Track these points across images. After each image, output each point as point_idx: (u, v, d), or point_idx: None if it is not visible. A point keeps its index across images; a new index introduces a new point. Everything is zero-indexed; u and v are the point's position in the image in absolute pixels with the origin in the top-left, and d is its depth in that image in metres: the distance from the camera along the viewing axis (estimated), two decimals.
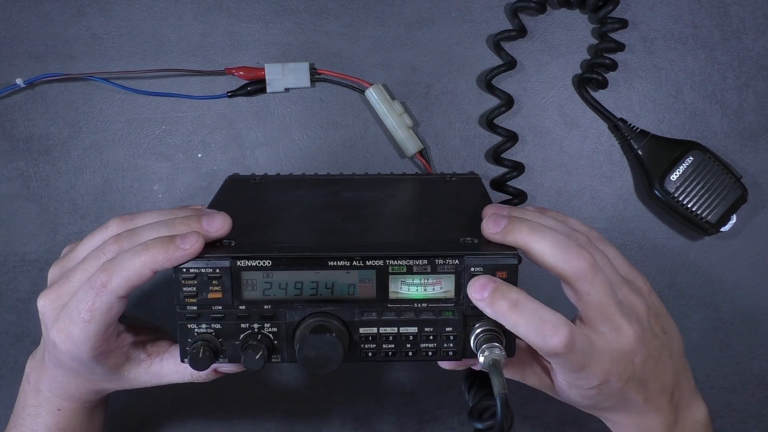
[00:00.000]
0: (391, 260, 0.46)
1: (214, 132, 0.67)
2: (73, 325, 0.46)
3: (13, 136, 0.67)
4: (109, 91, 0.66)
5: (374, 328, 0.47)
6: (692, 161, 0.64)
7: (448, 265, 0.46)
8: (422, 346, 0.48)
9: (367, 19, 0.66)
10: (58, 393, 0.53)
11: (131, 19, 0.65)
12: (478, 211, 0.51)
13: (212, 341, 0.47)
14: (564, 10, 0.66)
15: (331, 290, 0.47)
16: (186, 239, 0.45)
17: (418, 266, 0.46)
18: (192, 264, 0.46)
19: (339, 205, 0.57)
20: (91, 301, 0.45)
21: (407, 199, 0.60)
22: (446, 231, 0.51)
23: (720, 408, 0.71)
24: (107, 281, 0.45)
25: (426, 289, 0.47)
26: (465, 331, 0.47)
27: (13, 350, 0.69)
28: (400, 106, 0.65)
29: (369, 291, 0.47)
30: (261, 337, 0.47)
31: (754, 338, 0.70)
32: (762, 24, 0.66)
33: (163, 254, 0.45)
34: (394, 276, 0.46)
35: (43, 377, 0.53)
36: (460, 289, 0.46)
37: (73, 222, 0.67)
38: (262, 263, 0.46)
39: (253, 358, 0.46)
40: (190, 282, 0.46)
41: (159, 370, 0.52)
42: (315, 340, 0.45)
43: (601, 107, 0.66)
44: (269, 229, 0.52)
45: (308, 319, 0.47)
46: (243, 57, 0.66)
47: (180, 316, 0.47)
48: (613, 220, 0.68)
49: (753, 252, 0.69)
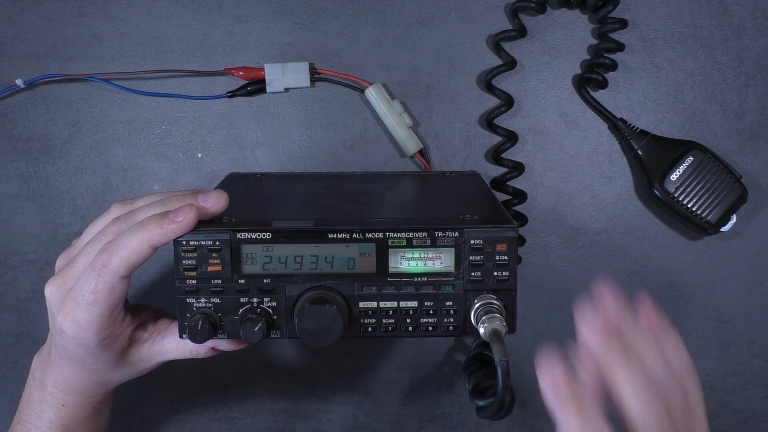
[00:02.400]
0: (390, 233, 0.46)
1: (214, 132, 0.67)
2: (78, 308, 0.47)
3: (13, 136, 0.67)
4: (109, 91, 0.66)
5: (374, 303, 0.48)
6: (692, 161, 0.64)
7: (447, 238, 0.46)
8: (422, 320, 0.48)
9: (367, 19, 0.66)
10: (63, 388, 0.53)
11: (131, 19, 0.66)
12: (477, 196, 0.51)
13: (211, 315, 0.47)
14: (564, 10, 0.66)
15: (330, 264, 0.47)
16: (179, 212, 0.46)
17: (418, 239, 0.46)
18: (191, 236, 0.46)
19: (339, 193, 0.57)
20: (94, 282, 0.46)
21: (407, 189, 0.60)
22: (446, 209, 0.51)
23: (720, 408, 0.71)
24: (108, 261, 0.46)
25: (426, 264, 0.47)
26: (465, 305, 0.47)
27: (13, 350, 0.69)
28: (400, 106, 0.65)
29: (369, 265, 0.47)
30: (260, 311, 0.47)
31: (754, 338, 0.70)
32: (762, 24, 0.66)
33: (159, 229, 0.46)
34: (394, 250, 0.47)
35: (49, 372, 0.53)
36: (460, 263, 0.47)
37: (73, 222, 0.67)
38: (262, 236, 0.46)
39: (252, 331, 0.46)
40: (190, 255, 0.46)
41: (161, 347, 0.53)
42: (315, 312, 0.45)
43: (601, 107, 0.66)
44: (269, 209, 0.52)
45: (308, 293, 0.47)
46: (243, 57, 0.66)
47: (179, 290, 0.47)
48: (613, 220, 0.68)
49: (753, 252, 0.69)
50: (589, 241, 0.68)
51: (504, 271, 0.47)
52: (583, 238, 0.68)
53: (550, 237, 0.68)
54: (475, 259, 0.46)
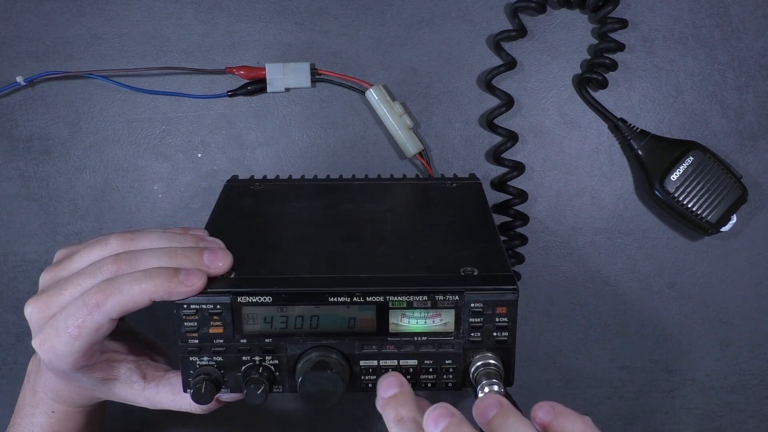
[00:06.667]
0: (391, 296, 0.46)
1: (214, 132, 0.67)
2: (58, 339, 0.45)
3: (13, 136, 0.66)
4: (109, 90, 0.66)
5: (374, 361, 0.48)
6: (692, 161, 0.64)
7: (448, 301, 0.46)
8: (422, 377, 0.48)
9: (367, 19, 0.66)
10: (52, 395, 0.53)
11: (131, 19, 0.65)
12: (479, 229, 0.51)
13: (214, 373, 0.47)
14: (564, 10, 0.66)
15: (331, 324, 0.47)
16: (190, 276, 0.45)
17: (419, 302, 0.46)
18: (192, 300, 0.46)
19: (338, 221, 0.56)
20: (82, 318, 0.45)
21: (407, 214, 0.59)
22: (446, 258, 0.50)
23: (720, 408, 0.71)
24: (102, 301, 0.44)
25: (426, 322, 0.47)
26: (464, 363, 0.47)
27: (13, 350, 0.69)
28: (401, 107, 0.65)
29: (369, 324, 0.47)
30: (262, 369, 0.47)
31: (754, 338, 0.70)
32: (762, 24, 0.66)
33: (166, 287, 0.44)
34: (395, 310, 0.46)
35: (39, 378, 0.53)
36: (460, 322, 0.46)
37: (73, 222, 0.67)
38: (263, 299, 0.46)
39: (255, 393, 0.47)
40: (191, 317, 0.46)
41: (153, 395, 0.51)
42: (316, 377, 0.46)
43: (601, 107, 0.66)
44: (269, 259, 0.51)
45: (309, 353, 0.47)
46: (243, 57, 0.66)
47: (182, 349, 0.47)
48: (613, 220, 0.68)
49: (753, 252, 0.69)
50: (589, 241, 0.68)
51: (503, 332, 0.47)
52: (583, 238, 0.68)
53: (550, 237, 0.68)
54: (475, 322, 0.46)
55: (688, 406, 0.72)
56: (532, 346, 0.70)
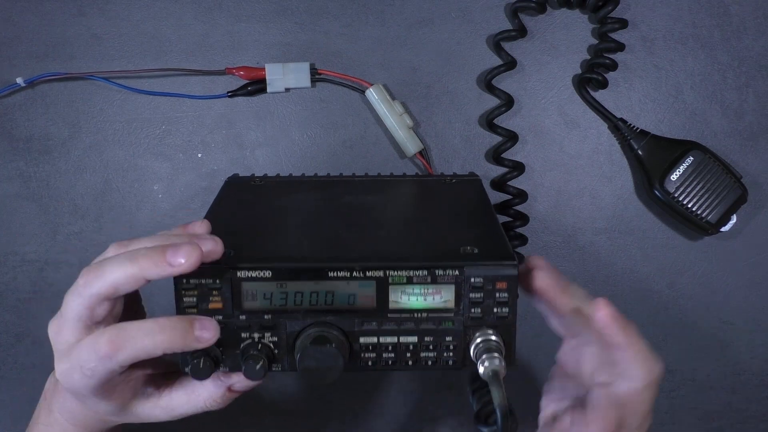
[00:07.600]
0: (390, 271, 0.46)
1: (214, 132, 0.67)
2: (74, 372, 0.45)
3: (13, 136, 0.67)
4: (109, 90, 0.66)
5: (374, 338, 0.47)
6: (692, 161, 0.64)
7: (448, 276, 0.46)
8: (422, 355, 0.48)
9: (367, 19, 0.66)
10: (67, 417, 0.53)
11: (131, 19, 0.65)
12: (478, 217, 0.51)
13: (212, 350, 0.47)
14: (564, 10, 0.66)
15: (331, 300, 0.47)
16: (205, 328, 0.45)
17: (418, 277, 0.46)
18: (192, 274, 0.45)
19: (338, 210, 0.57)
20: (94, 364, 0.45)
21: (407, 203, 0.59)
22: (446, 239, 0.50)
23: (720, 408, 0.71)
24: (114, 353, 0.44)
25: (426, 299, 0.47)
26: (465, 340, 0.47)
27: (13, 350, 0.69)
28: (401, 107, 0.65)
29: (369, 301, 0.47)
30: (261, 346, 0.47)
31: (754, 338, 0.70)
32: (762, 24, 0.66)
33: (181, 341, 0.44)
34: (394, 286, 0.46)
35: (56, 398, 0.52)
36: (460, 299, 0.46)
37: (73, 222, 0.67)
38: (263, 274, 0.46)
39: (254, 369, 0.46)
40: (190, 293, 0.46)
41: (168, 402, 0.51)
42: (315, 351, 0.45)
43: (601, 107, 0.66)
44: (269, 238, 0.51)
45: (308, 329, 0.47)
46: (243, 57, 0.66)
47: None
48: (613, 220, 0.68)
49: (753, 252, 0.69)
50: (589, 241, 0.68)
51: (504, 308, 0.47)
52: (583, 238, 0.68)
53: (550, 237, 0.68)
54: (476, 297, 0.46)
55: (688, 406, 0.72)
56: (532, 346, 0.70)
